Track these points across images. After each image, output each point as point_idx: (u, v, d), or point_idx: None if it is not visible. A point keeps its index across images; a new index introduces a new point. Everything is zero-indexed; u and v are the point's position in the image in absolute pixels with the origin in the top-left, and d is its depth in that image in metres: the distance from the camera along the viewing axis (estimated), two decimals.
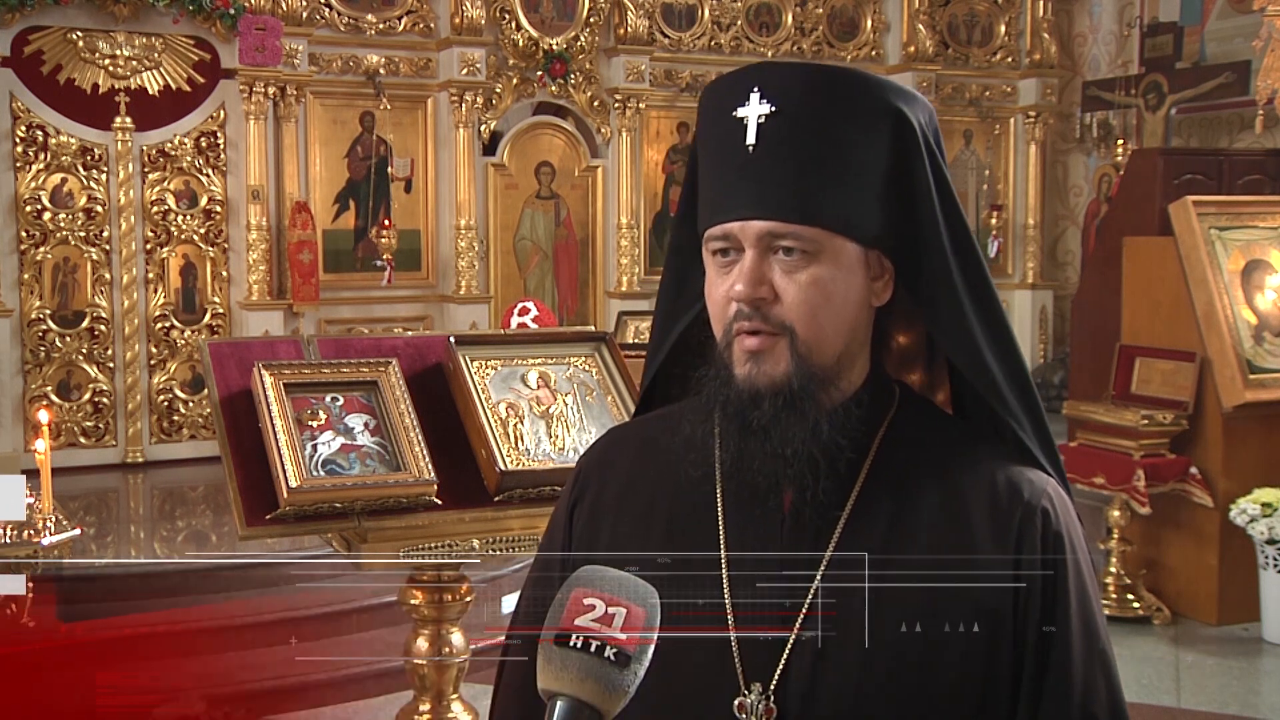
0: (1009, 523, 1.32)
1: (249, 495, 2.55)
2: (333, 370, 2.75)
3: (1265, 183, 8.09)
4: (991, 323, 1.37)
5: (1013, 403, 1.37)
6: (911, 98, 1.36)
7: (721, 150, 1.35)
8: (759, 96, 1.31)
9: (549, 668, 1.12)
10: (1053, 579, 1.31)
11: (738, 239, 1.32)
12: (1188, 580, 6.34)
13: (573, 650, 1.11)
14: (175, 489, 8.08)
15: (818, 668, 1.31)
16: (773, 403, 1.31)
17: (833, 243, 1.31)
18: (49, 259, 8.28)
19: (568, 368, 2.91)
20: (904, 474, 1.36)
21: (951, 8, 11.21)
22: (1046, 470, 1.38)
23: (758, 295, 1.30)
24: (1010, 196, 11.45)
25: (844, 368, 1.35)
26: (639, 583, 1.16)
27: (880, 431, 1.38)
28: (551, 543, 1.51)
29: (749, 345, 1.31)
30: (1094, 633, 1.33)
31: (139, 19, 8.38)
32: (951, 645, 1.29)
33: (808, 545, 1.34)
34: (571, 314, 9.79)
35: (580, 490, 1.49)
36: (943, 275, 1.35)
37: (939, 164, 1.36)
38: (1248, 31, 8.80)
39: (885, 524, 1.34)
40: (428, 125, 9.33)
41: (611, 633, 1.12)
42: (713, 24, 10.30)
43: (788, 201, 1.30)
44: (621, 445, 1.53)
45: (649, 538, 1.41)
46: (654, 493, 1.44)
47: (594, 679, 1.10)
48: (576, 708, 1.10)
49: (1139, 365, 6.55)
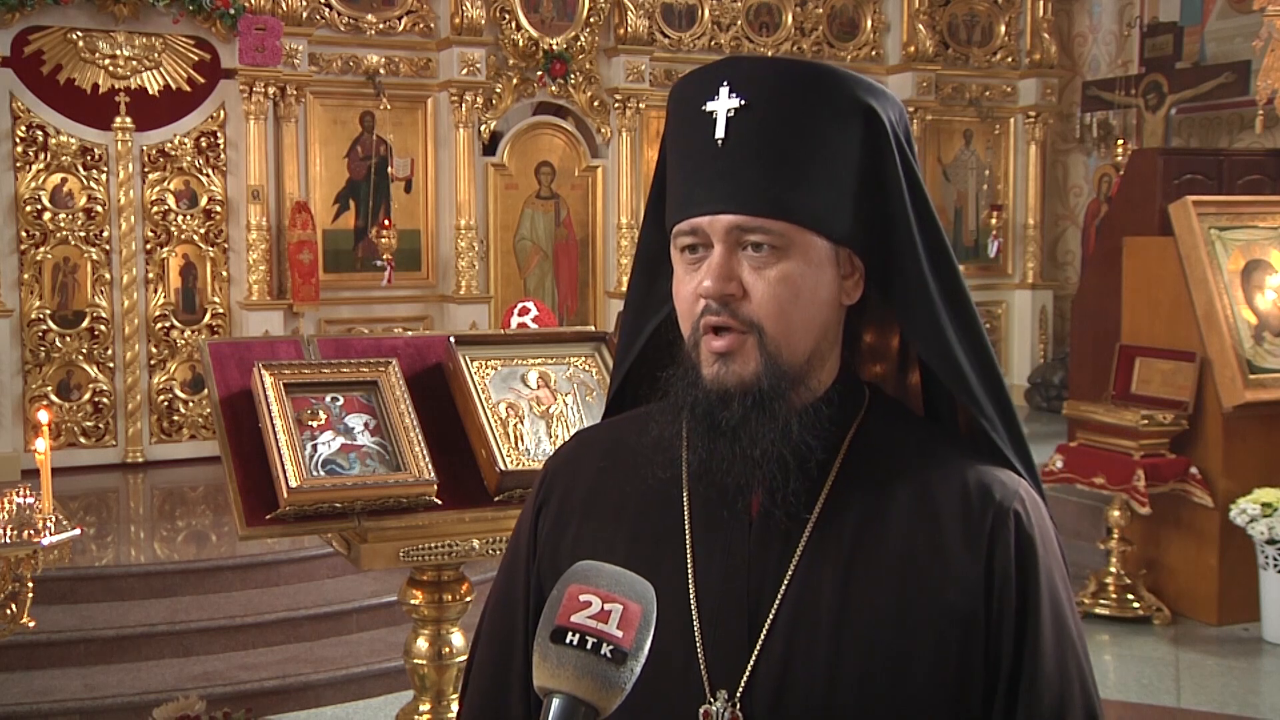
0: (981, 525, 1.29)
1: (249, 495, 2.55)
2: (333, 370, 2.75)
3: (1265, 183, 8.08)
4: (964, 323, 1.34)
5: (986, 404, 1.34)
6: (881, 94, 1.34)
7: (690, 145, 1.32)
8: (729, 90, 1.29)
9: (545, 665, 1.10)
10: (1024, 582, 1.28)
11: (706, 234, 1.29)
12: (1188, 580, 6.34)
13: (569, 647, 1.09)
14: (175, 489, 8.08)
15: (785, 674, 1.27)
16: (741, 403, 1.28)
17: (802, 238, 1.28)
18: (49, 259, 8.28)
19: (568, 368, 2.91)
20: (874, 476, 1.33)
21: (951, 8, 11.21)
22: (1019, 472, 1.36)
23: (726, 291, 1.27)
24: (1010, 196, 11.45)
25: (814, 367, 1.32)
26: (636, 579, 1.15)
27: (850, 432, 1.35)
28: (516, 545, 1.48)
29: (716, 346, 1.29)
30: (1067, 635, 1.30)
31: (139, 19, 8.38)
32: (922, 650, 1.26)
33: (776, 548, 1.31)
34: (571, 314, 9.79)
35: (546, 493, 1.47)
36: (915, 274, 1.32)
37: (910, 161, 1.34)
38: (1248, 31, 8.80)
39: (855, 527, 1.30)
40: (428, 125, 9.33)
41: (608, 629, 1.10)
42: (713, 24, 10.30)
43: (757, 195, 1.27)
44: (589, 447, 1.50)
45: (615, 540, 1.38)
46: (621, 495, 1.41)
47: (590, 677, 1.08)
48: (573, 705, 1.09)
49: (1139, 365, 6.55)
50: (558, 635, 1.10)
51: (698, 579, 1.33)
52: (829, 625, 1.28)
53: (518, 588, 1.46)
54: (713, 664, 1.30)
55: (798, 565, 1.30)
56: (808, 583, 1.29)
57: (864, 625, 1.27)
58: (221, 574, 6.08)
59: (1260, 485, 5.97)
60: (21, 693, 5.08)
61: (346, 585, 6.09)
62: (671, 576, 1.33)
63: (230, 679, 5.28)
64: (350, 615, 5.88)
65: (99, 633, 5.49)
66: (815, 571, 1.30)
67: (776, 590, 1.30)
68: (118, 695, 5.10)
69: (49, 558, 3.26)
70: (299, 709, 5.26)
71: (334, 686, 5.38)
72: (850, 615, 1.28)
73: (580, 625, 1.10)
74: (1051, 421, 9.54)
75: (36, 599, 3.38)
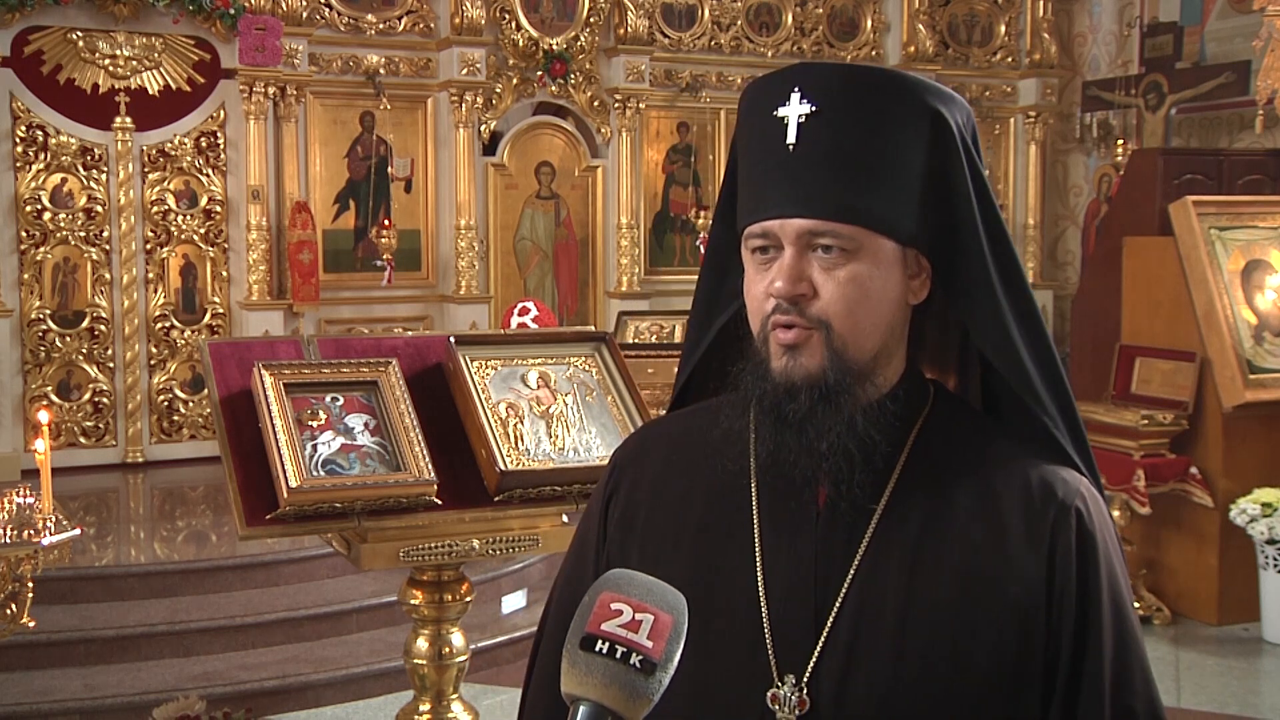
0: (1043, 521, 1.33)
1: (249, 495, 2.54)
2: (333, 370, 2.74)
3: (1265, 183, 8.09)
4: (1026, 320, 1.38)
5: (1047, 400, 1.38)
6: (950, 98, 1.38)
7: (762, 149, 1.36)
8: (799, 96, 1.33)
9: (573, 672, 1.09)
10: (1085, 578, 1.31)
11: (777, 236, 1.33)
12: (1188, 580, 6.34)
13: (598, 656, 1.09)
14: (175, 489, 8.08)
15: (850, 661, 1.31)
16: (809, 395, 1.32)
17: (871, 241, 1.32)
18: (49, 259, 8.28)
19: (568, 368, 2.91)
20: (939, 471, 1.37)
21: (951, 8, 11.21)
22: (1080, 469, 1.39)
23: (797, 292, 1.31)
24: (1010, 196, 11.44)
25: (880, 364, 1.36)
26: (668, 589, 1.14)
27: (915, 428, 1.39)
28: (586, 536, 1.53)
29: (784, 339, 1.32)
30: (1128, 632, 1.33)
31: (139, 19, 8.38)
32: (983, 642, 1.29)
33: (842, 539, 1.35)
34: (571, 314, 9.79)
35: (615, 483, 1.51)
36: (980, 274, 1.36)
37: (976, 164, 1.38)
38: (1248, 31, 8.79)
39: (920, 520, 1.34)
40: (428, 125, 9.33)
41: (638, 639, 1.09)
42: (713, 24, 10.30)
43: (827, 200, 1.31)
44: (656, 439, 1.54)
45: (683, 529, 1.42)
46: (688, 485, 1.45)
47: (618, 686, 1.08)
48: (599, 714, 1.08)
49: (1139, 365, 6.55)
50: (587, 643, 1.10)
51: (765, 567, 1.36)
52: (893, 615, 1.31)
53: (587, 572, 1.49)
54: (780, 650, 1.33)
55: (863, 556, 1.34)
56: (873, 573, 1.33)
57: (927, 616, 1.30)
58: (221, 574, 6.08)
59: (1260, 485, 5.97)
60: (21, 693, 5.08)
61: (346, 585, 6.09)
62: (740, 565, 1.37)
63: (230, 679, 5.28)
64: (350, 615, 5.88)
65: (99, 633, 5.49)
66: (880, 563, 1.33)
67: (843, 580, 1.34)
68: (118, 695, 5.10)
69: (49, 558, 3.26)
70: (299, 709, 5.26)
71: (334, 686, 5.38)
72: (914, 606, 1.31)
73: (610, 634, 1.10)
74: None
75: (36, 599, 3.38)
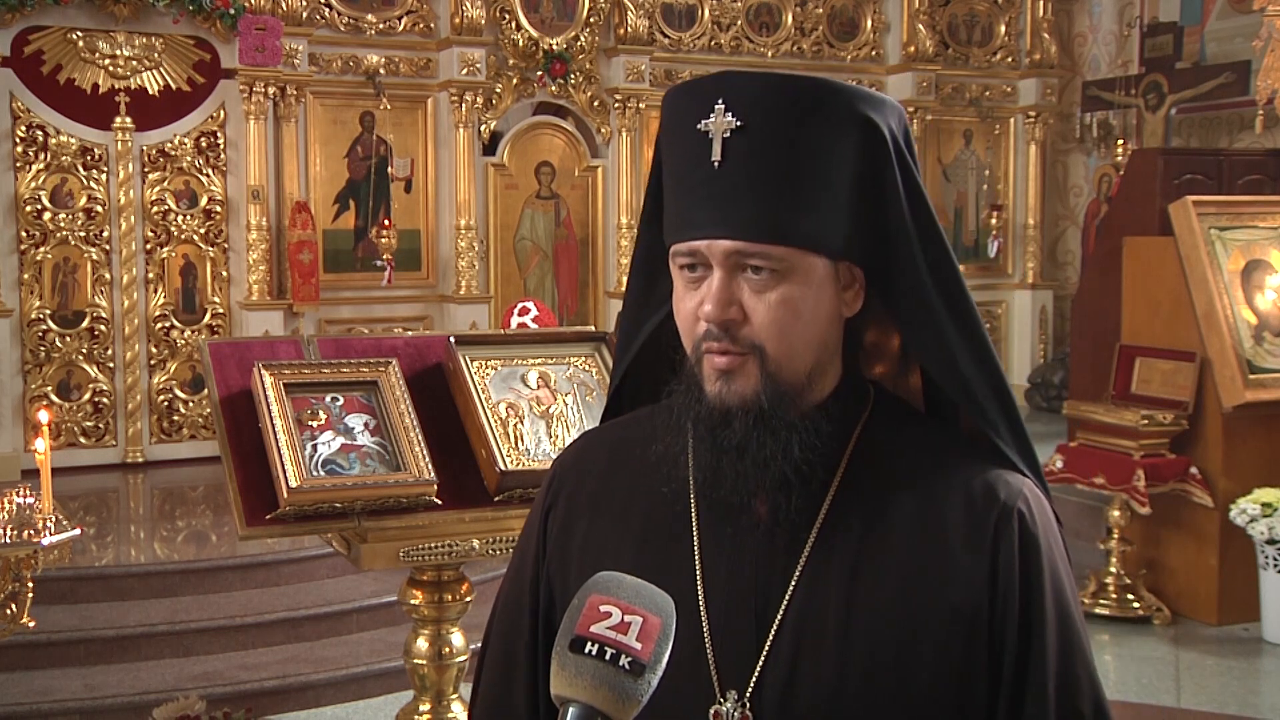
0: (985, 524, 1.30)
1: (249, 495, 2.55)
2: (333, 370, 2.75)
3: (1265, 183, 8.09)
4: (966, 327, 1.34)
5: (989, 408, 1.35)
6: (880, 103, 1.33)
7: (687, 163, 1.31)
8: (724, 108, 1.28)
9: (562, 674, 1.10)
10: (1029, 580, 1.29)
11: (705, 256, 1.29)
12: (1188, 580, 6.34)
13: (587, 657, 1.09)
14: (175, 489, 8.08)
15: (793, 674, 1.29)
16: (743, 421, 1.29)
17: (803, 260, 1.28)
18: (49, 259, 8.28)
19: (568, 368, 2.91)
20: (879, 478, 1.34)
21: (951, 8, 11.21)
22: (1023, 472, 1.36)
23: (727, 317, 1.28)
24: (1010, 196, 11.45)
25: (815, 379, 1.33)
26: (656, 591, 1.15)
27: (854, 436, 1.36)
28: (525, 546, 1.50)
29: (718, 364, 1.29)
30: (1073, 631, 1.31)
31: (139, 19, 8.38)
32: (927, 649, 1.27)
33: (782, 551, 1.32)
34: (571, 314, 9.79)
35: (554, 493, 1.48)
36: (914, 281, 1.33)
37: (910, 168, 1.34)
38: (1248, 31, 8.80)
39: (859, 530, 1.32)
40: (428, 125, 9.33)
41: (627, 641, 1.10)
42: (713, 24, 10.30)
43: (756, 221, 1.27)
44: (595, 448, 1.51)
45: (623, 541, 1.40)
46: (629, 496, 1.42)
47: (607, 687, 1.08)
48: (589, 715, 1.08)
49: (1139, 365, 6.55)
50: (577, 645, 1.10)
51: (706, 582, 1.34)
52: (835, 626, 1.29)
53: (525, 588, 1.47)
54: (722, 665, 1.32)
55: (804, 567, 1.32)
56: (814, 585, 1.31)
57: (869, 625, 1.28)
58: (221, 574, 6.08)
59: (1260, 485, 5.97)
60: (21, 693, 5.08)
61: (346, 585, 6.09)
62: (680, 579, 1.34)
63: (230, 679, 5.28)
64: (350, 615, 5.88)
65: (99, 633, 5.49)
66: (821, 573, 1.31)
67: (783, 592, 1.31)
68: (118, 695, 5.10)
69: (49, 558, 3.26)
70: (299, 709, 5.26)
71: (334, 686, 5.38)
72: (856, 616, 1.29)
73: (600, 636, 1.10)
74: (1051, 421, 9.54)
75: (36, 599, 3.38)
